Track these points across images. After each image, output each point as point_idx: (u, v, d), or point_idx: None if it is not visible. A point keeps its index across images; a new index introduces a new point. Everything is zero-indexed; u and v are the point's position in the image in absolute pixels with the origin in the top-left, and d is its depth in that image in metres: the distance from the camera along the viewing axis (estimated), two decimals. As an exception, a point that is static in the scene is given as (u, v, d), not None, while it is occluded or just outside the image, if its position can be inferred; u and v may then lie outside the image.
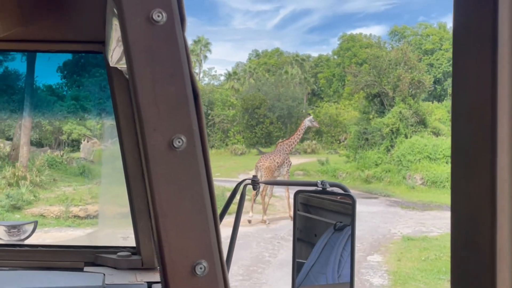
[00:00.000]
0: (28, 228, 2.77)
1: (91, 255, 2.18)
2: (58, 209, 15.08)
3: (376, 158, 25.26)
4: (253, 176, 1.77)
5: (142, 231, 2.14)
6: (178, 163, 0.86)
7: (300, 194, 1.54)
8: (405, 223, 14.81)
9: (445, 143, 23.51)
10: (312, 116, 20.33)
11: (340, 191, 1.49)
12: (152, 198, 0.87)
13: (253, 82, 45.84)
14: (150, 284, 1.98)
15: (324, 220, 1.48)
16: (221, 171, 25.52)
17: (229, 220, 1.75)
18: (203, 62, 54.90)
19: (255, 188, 1.71)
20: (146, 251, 2.14)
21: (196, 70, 54.03)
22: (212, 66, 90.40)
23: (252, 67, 52.55)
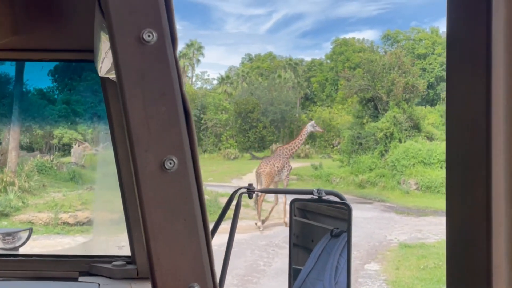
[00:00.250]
0: (23, 235, 2.85)
1: (86, 264, 2.18)
2: (47, 215, 14.82)
3: (370, 163, 25.13)
4: (248, 184, 1.73)
5: (137, 240, 2.12)
6: (169, 185, 0.85)
7: (296, 202, 1.53)
8: (400, 229, 14.66)
9: (439, 147, 23.42)
10: (314, 121, 20.10)
11: (336, 199, 1.48)
12: (143, 221, 0.86)
13: (246, 86, 45.72)
14: None
15: (321, 226, 1.48)
16: (214, 175, 25.27)
17: (224, 226, 1.63)
18: (195, 66, 54.75)
19: (250, 197, 1.67)
20: (141, 260, 2.12)
21: (189, 74, 53.89)
22: (205, 70, 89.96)
23: (245, 71, 52.43)
